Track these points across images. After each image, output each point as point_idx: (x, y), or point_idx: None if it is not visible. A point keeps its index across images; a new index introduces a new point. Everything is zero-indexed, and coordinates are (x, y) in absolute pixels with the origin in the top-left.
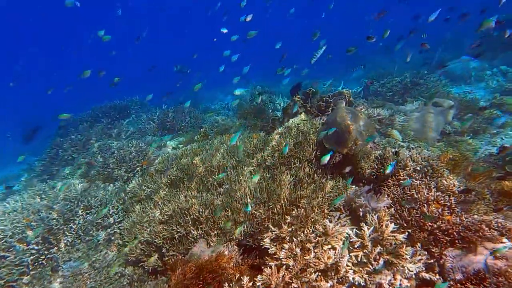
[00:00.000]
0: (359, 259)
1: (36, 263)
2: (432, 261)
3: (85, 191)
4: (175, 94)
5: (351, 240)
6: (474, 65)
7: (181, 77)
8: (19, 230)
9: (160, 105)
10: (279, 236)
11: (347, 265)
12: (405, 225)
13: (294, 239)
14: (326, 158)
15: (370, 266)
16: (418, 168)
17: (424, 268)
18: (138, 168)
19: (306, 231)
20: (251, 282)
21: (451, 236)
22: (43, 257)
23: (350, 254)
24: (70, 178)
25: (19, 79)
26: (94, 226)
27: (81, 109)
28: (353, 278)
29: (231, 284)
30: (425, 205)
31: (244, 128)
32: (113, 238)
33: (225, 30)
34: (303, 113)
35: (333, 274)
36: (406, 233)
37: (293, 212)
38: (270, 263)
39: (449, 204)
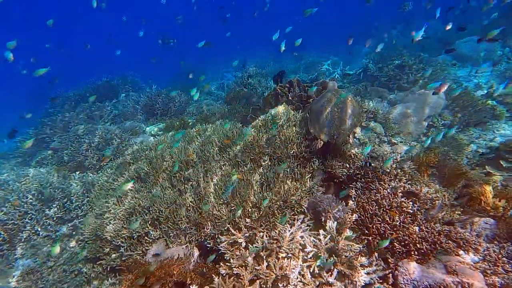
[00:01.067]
0: (311, 270)
1: None
2: (387, 271)
3: (48, 181)
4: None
5: (305, 249)
6: (484, 45)
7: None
8: None
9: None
10: (237, 241)
11: (297, 278)
12: (366, 232)
13: (250, 246)
14: None
15: (323, 278)
16: (388, 170)
17: (377, 279)
18: (111, 156)
19: (264, 236)
20: None
21: (408, 247)
22: None
23: (303, 264)
24: (43, 164)
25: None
26: (54, 220)
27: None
28: None
29: None
30: (388, 211)
31: (228, 115)
32: (74, 233)
33: None
34: (284, 103)
35: (283, 285)
36: (366, 241)
37: (254, 215)
38: (222, 271)
39: (412, 211)
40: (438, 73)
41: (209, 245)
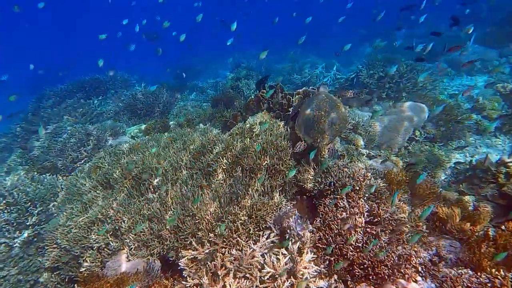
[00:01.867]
0: None
1: None
2: None
3: (12, 184)
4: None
5: (263, 270)
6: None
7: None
8: None
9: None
10: (196, 257)
11: None
12: (329, 251)
13: (208, 263)
14: None
15: None
16: (357, 188)
17: None
18: (86, 158)
19: (227, 253)
20: None
21: (366, 270)
22: None
23: (260, 285)
24: (18, 163)
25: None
26: (13, 226)
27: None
28: None
29: None
30: (353, 232)
31: (212, 119)
32: (35, 239)
33: None
34: (265, 110)
35: None
36: (327, 262)
37: (217, 229)
38: None
39: (375, 233)
40: (429, 83)
41: (171, 259)
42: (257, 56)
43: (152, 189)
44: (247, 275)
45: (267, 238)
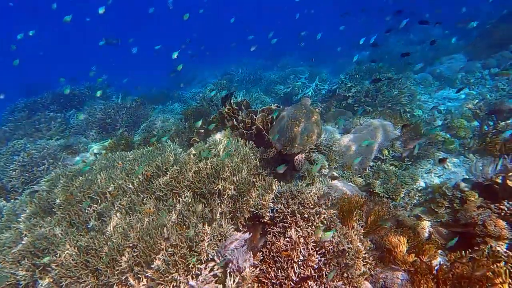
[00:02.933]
0: None
1: None
2: None
3: None
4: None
5: None
6: (463, 65)
7: None
8: None
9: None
10: None
11: None
12: (270, 287)
13: None
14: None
15: None
16: (306, 216)
17: None
18: (38, 179)
19: None
20: None
21: None
22: None
23: None
24: None
25: None
26: None
27: None
28: None
29: None
30: (295, 265)
31: (181, 135)
32: None
33: None
34: (228, 128)
35: None
36: None
37: (155, 263)
38: None
39: (316, 267)
40: (406, 96)
41: None
42: (251, 64)
43: (96, 216)
44: None
45: (209, 272)
